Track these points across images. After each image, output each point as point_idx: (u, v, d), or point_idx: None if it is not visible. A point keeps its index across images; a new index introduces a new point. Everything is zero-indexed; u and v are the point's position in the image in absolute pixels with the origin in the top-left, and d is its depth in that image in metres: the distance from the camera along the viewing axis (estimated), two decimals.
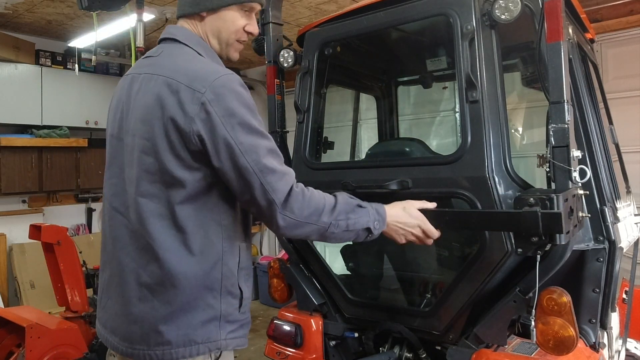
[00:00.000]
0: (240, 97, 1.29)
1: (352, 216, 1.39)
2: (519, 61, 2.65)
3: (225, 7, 1.42)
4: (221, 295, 1.34)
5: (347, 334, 2.24)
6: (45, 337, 3.01)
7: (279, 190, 1.29)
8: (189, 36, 1.44)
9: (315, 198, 1.36)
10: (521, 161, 2.49)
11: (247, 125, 1.28)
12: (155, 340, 1.30)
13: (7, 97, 5.15)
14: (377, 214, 1.45)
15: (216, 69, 1.32)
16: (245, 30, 1.48)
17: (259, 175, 1.27)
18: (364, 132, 3.92)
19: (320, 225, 1.35)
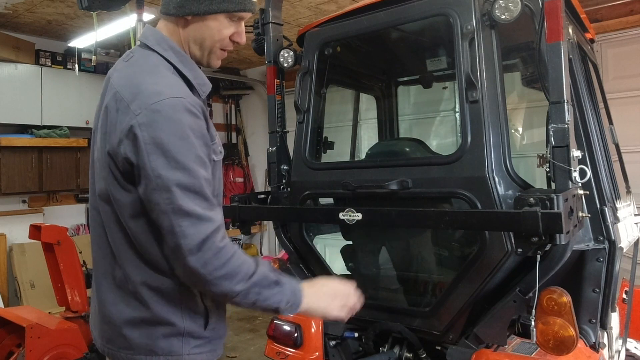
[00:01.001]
0: (176, 126, 1.17)
1: (265, 292, 1.26)
2: (519, 61, 2.65)
3: (213, 14, 1.31)
4: (182, 312, 1.29)
5: (347, 334, 2.24)
6: (45, 337, 3.01)
7: (190, 237, 1.16)
8: (160, 40, 1.33)
9: (234, 261, 1.21)
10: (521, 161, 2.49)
11: (173, 158, 1.16)
12: (121, 343, 1.31)
13: (7, 97, 5.15)
14: (293, 295, 1.31)
15: (161, 90, 1.20)
16: (232, 40, 1.38)
17: (171, 215, 1.16)
18: (364, 132, 3.92)
19: (228, 291, 1.21)
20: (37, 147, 5.35)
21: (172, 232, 1.17)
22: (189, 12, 1.29)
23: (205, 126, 1.26)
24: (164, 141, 1.16)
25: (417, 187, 1.86)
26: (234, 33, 1.36)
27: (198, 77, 1.35)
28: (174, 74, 1.30)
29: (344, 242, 2.59)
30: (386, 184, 1.88)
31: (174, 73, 1.31)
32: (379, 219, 1.87)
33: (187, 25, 1.33)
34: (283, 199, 2.32)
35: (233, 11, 1.32)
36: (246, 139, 7.63)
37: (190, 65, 1.34)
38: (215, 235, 1.19)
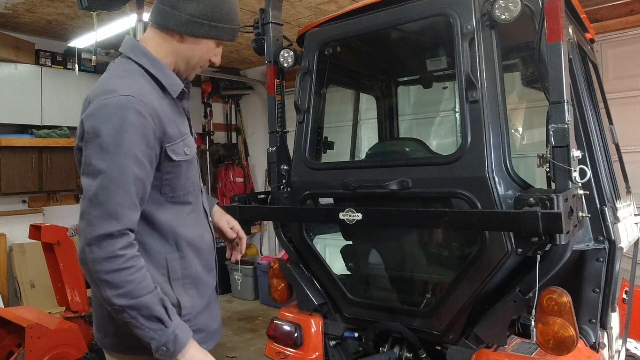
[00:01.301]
0: (116, 120, 1.25)
1: (141, 320, 1.23)
2: (519, 61, 2.65)
3: (207, 38, 1.47)
4: None
5: (347, 334, 2.24)
6: (45, 337, 3.01)
7: (94, 227, 1.21)
8: (134, 48, 1.45)
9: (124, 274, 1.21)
10: (521, 161, 2.49)
11: (105, 148, 1.24)
12: (106, 331, 1.41)
13: (7, 97, 5.15)
14: (173, 343, 1.26)
15: (116, 88, 1.31)
16: (210, 60, 1.56)
17: (87, 201, 1.24)
18: (364, 132, 3.92)
19: (106, 298, 1.22)
20: (37, 147, 5.35)
21: (83, 216, 1.24)
22: (190, 32, 1.43)
23: (152, 127, 1.31)
24: (101, 132, 1.25)
25: (417, 187, 1.86)
26: (214, 55, 1.55)
27: (168, 77, 1.45)
28: (143, 77, 1.41)
29: (344, 242, 2.59)
30: (386, 184, 1.88)
31: (143, 75, 1.41)
32: (379, 219, 1.87)
33: (182, 42, 1.46)
34: (283, 199, 2.32)
35: (223, 39, 1.50)
36: (246, 139, 7.63)
37: (160, 68, 1.44)
38: (118, 240, 1.22)
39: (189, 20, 1.41)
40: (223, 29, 1.47)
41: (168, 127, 1.38)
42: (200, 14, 1.42)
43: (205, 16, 1.42)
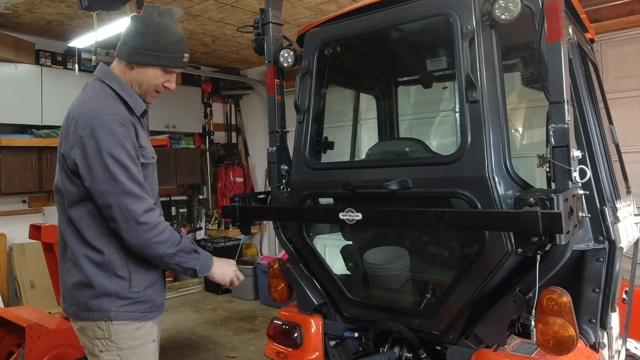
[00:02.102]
0: (112, 135, 1.64)
1: (187, 257, 1.76)
2: (519, 61, 2.65)
3: (152, 67, 1.78)
4: (110, 278, 1.72)
5: (347, 334, 2.24)
6: (45, 337, 3.01)
7: (133, 211, 1.64)
8: (107, 74, 1.80)
9: (167, 232, 1.70)
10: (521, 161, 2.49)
11: (113, 157, 1.63)
12: (71, 301, 1.78)
13: (7, 97, 5.15)
14: (206, 261, 1.82)
15: (99, 108, 1.68)
16: (164, 86, 1.85)
17: (119, 197, 1.63)
18: (364, 132, 3.91)
19: (162, 253, 1.69)
20: (37, 147, 5.35)
21: (120, 209, 1.64)
22: (135, 61, 1.77)
23: (134, 134, 1.71)
24: (105, 146, 1.63)
25: (417, 187, 1.86)
26: (167, 81, 1.85)
27: (134, 101, 1.80)
28: (115, 99, 1.76)
29: (344, 242, 2.59)
30: (386, 184, 1.88)
31: (115, 98, 1.76)
32: (379, 219, 1.87)
33: (132, 70, 1.80)
34: (283, 199, 2.32)
35: (166, 67, 1.80)
36: (246, 139, 7.63)
37: (128, 92, 1.80)
38: (154, 211, 1.69)
39: (132, 51, 1.75)
40: (163, 57, 1.76)
41: (140, 137, 1.76)
42: (142, 46, 1.74)
43: (145, 47, 1.74)
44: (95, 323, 1.72)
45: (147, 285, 1.79)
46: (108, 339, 1.72)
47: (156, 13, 1.79)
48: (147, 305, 1.78)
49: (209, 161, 7.33)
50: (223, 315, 5.51)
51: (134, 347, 1.75)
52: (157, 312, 1.85)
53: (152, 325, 1.82)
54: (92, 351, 1.78)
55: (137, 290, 1.75)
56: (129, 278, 1.74)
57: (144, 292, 1.77)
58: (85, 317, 1.74)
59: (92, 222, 1.72)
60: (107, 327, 1.72)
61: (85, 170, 1.64)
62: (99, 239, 1.72)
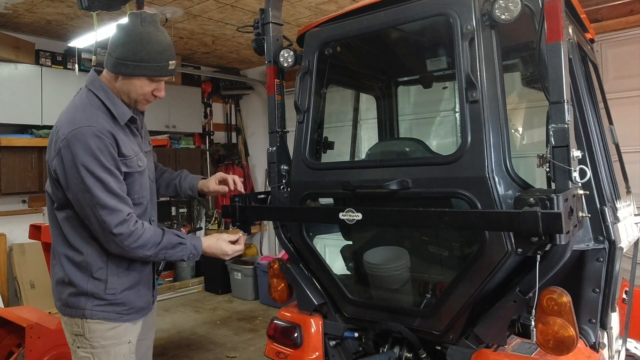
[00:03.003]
0: (86, 147, 1.67)
1: (171, 251, 1.82)
2: (519, 61, 2.65)
3: (136, 77, 1.77)
4: (87, 278, 1.79)
5: (347, 334, 2.24)
6: (45, 337, 3.01)
7: (108, 223, 1.68)
8: (94, 82, 1.82)
9: (143, 237, 1.74)
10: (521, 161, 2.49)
11: (86, 169, 1.66)
12: (56, 296, 1.87)
13: (7, 97, 5.15)
14: (194, 248, 1.87)
15: (78, 120, 1.70)
16: (154, 94, 1.85)
17: (93, 208, 1.68)
18: (364, 132, 3.91)
19: (143, 255, 1.77)
20: (37, 147, 5.35)
21: (96, 220, 1.70)
22: (119, 72, 1.77)
23: (111, 145, 1.72)
24: (79, 159, 1.67)
25: (417, 187, 1.86)
26: (154, 89, 1.84)
27: (118, 108, 1.81)
28: (99, 108, 1.78)
29: (344, 242, 2.58)
30: (386, 184, 1.88)
31: (100, 107, 1.78)
32: (379, 219, 1.87)
33: (117, 80, 1.80)
34: (283, 199, 2.32)
35: (152, 76, 1.78)
36: (246, 139, 7.63)
37: (113, 100, 1.81)
38: (128, 221, 1.72)
39: (116, 62, 1.75)
40: (147, 67, 1.74)
41: (121, 147, 1.77)
42: (125, 57, 1.74)
43: (128, 58, 1.73)
44: (74, 319, 1.81)
45: (125, 288, 1.85)
46: (83, 336, 1.80)
47: (139, 21, 1.76)
48: (124, 308, 1.84)
49: (209, 161, 7.33)
50: (223, 315, 5.51)
51: (106, 346, 1.81)
52: (137, 314, 1.90)
53: (130, 327, 1.87)
54: (71, 345, 1.87)
55: (112, 293, 1.81)
56: (105, 280, 1.81)
57: (120, 294, 1.83)
58: (65, 313, 1.83)
59: (76, 225, 1.79)
60: (82, 324, 1.80)
61: (64, 180, 1.71)
62: (80, 241, 1.79)
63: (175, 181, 2.27)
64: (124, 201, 1.74)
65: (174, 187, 2.28)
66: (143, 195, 1.91)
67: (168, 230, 1.87)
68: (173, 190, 2.29)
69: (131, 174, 1.82)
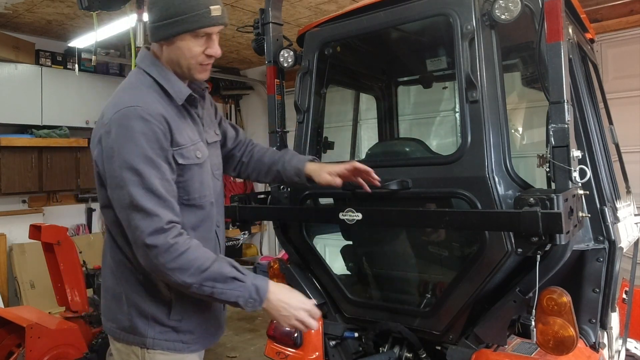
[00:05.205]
0: (126, 132, 1.35)
1: (221, 286, 1.35)
2: (519, 61, 2.65)
3: (177, 36, 1.45)
4: (146, 296, 1.45)
5: (347, 334, 2.24)
6: (45, 337, 3.01)
7: (141, 229, 1.32)
8: (144, 58, 1.54)
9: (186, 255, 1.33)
10: (521, 161, 2.49)
11: (123, 159, 1.33)
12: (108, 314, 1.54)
13: (7, 97, 5.15)
14: (256, 292, 1.37)
15: (122, 101, 1.40)
16: (206, 54, 1.50)
17: (127, 209, 1.34)
18: (364, 132, 3.91)
19: (181, 282, 1.33)
20: (37, 147, 5.35)
21: (128, 225, 1.35)
22: (158, 38, 1.48)
23: (161, 131, 1.39)
24: (116, 146, 1.35)
25: (417, 187, 1.86)
26: (206, 48, 1.49)
27: (174, 86, 1.50)
28: (150, 87, 1.48)
29: (344, 242, 2.58)
30: (386, 184, 1.88)
31: (151, 86, 1.48)
32: (379, 219, 1.87)
33: (162, 49, 1.51)
34: (283, 199, 2.32)
35: (195, 29, 1.44)
36: None
37: (166, 77, 1.50)
38: (166, 232, 1.33)
39: (152, 27, 1.48)
40: (183, 20, 1.43)
41: (176, 133, 1.44)
42: (159, 17, 1.45)
43: (162, 17, 1.44)
44: (131, 347, 1.47)
45: (192, 311, 1.49)
46: None
47: None
48: (192, 336, 1.50)
49: None
50: None
51: None
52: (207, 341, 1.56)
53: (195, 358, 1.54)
54: None
55: (178, 318, 1.46)
56: (169, 301, 1.46)
57: (187, 320, 1.48)
58: (120, 338, 1.49)
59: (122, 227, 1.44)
60: (142, 354, 1.46)
61: (103, 172, 1.40)
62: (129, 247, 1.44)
63: (278, 166, 1.83)
64: (166, 204, 1.35)
65: (276, 173, 1.84)
66: (205, 194, 1.54)
67: (223, 257, 1.43)
68: (275, 176, 1.85)
69: (189, 167, 1.47)
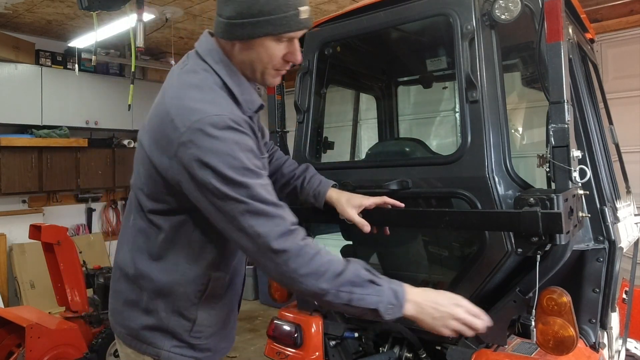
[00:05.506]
0: (218, 144, 1.18)
1: (359, 291, 1.20)
2: (519, 61, 2.65)
3: (254, 38, 1.27)
4: (172, 311, 1.35)
5: (347, 334, 2.24)
6: (45, 337, 3.01)
7: (264, 235, 1.18)
8: (212, 51, 1.33)
9: (319, 258, 1.20)
10: (521, 161, 2.49)
11: (221, 174, 1.17)
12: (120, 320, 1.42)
13: (7, 97, 5.16)
14: (395, 296, 1.23)
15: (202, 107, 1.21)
16: (285, 59, 1.33)
17: (239, 220, 1.18)
18: (364, 132, 3.92)
19: (316, 289, 1.19)
20: (37, 147, 5.36)
21: (247, 236, 1.18)
22: (234, 37, 1.28)
23: (251, 139, 1.25)
24: (209, 160, 1.16)
25: (417, 187, 1.86)
26: (286, 53, 1.32)
27: (245, 92, 1.33)
28: (221, 89, 1.29)
29: (344, 242, 2.58)
30: (386, 184, 1.88)
31: (222, 87, 1.29)
32: (379, 219, 1.87)
33: (235, 49, 1.31)
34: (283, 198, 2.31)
35: (281, 33, 1.26)
36: None
37: (238, 81, 1.32)
38: (294, 233, 1.20)
39: (228, 24, 1.27)
40: (268, 22, 1.24)
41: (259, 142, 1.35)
42: (238, 14, 1.24)
43: (242, 14, 1.24)
44: (143, 357, 1.39)
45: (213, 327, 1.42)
46: None
47: None
48: (207, 354, 1.43)
49: None
50: None
51: None
52: (218, 354, 1.49)
53: None
54: None
55: (198, 336, 1.39)
56: (194, 318, 1.37)
57: (207, 338, 1.41)
58: (132, 345, 1.39)
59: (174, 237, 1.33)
60: None
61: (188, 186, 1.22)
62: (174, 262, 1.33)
63: (297, 181, 1.72)
64: (283, 207, 1.23)
65: (292, 189, 1.73)
66: None
67: (353, 259, 1.29)
68: (291, 191, 1.74)
69: None
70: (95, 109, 5.88)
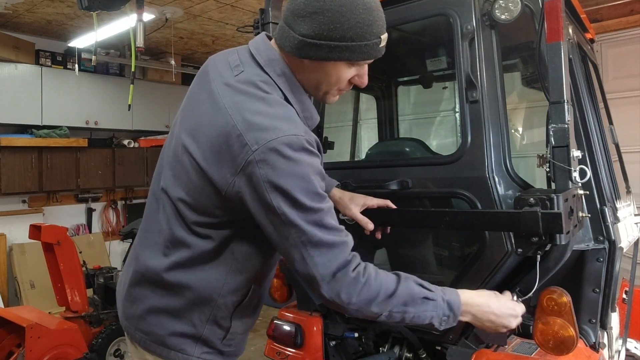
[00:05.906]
0: (294, 167, 1.12)
1: (412, 310, 1.23)
2: (519, 61, 2.65)
3: (328, 61, 1.21)
4: (207, 320, 1.31)
5: (347, 334, 2.24)
6: (45, 337, 3.01)
7: (321, 266, 1.16)
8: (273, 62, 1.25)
9: (368, 285, 1.20)
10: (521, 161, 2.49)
11: (292, 197, 1.12)
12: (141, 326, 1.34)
13: (7, 97, 5.16)
14: (449, 308, 1.26)
15: (278, 125, 1.14)
16: (351, 82, 1.30)
17: (301, 247, 1.16)
18: (364, 132, 3.92)
19: (369, 314, 1.22)
20: (37, 147, 5.36)
21: (304, 262, 1.17)
22: (306, 56, 1.21)
23: (321, 162, 1.23)
24: (283, 183, 1.12)
25: (417, 187, 1.86)
26: (355, 76, 1.29)
27: (306, 110, 1.28)
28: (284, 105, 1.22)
29: None
30: (386, 184, 1.88)
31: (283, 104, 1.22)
32: (379, 219, 1.87)
33: (302, 65, 1.25)
34: None
35: (357, 60, 1.23)
36: None
37: (300, 96, 1.27)
38: (348, 265, 1.19)
39: (302, 42, 1.19)
40: (348, 48, 1.19)
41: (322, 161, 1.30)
42: (317, 34, 1.17)
43: (321, 36, 1.17)
44: None
45: (243, 340, 1.45)
46: None
47: None
48: (233, 358, 1.44)
49: None
50: None
51: None
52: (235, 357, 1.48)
53: None
54: None
55: (229, 344, 1.38)
56: (227, 327, 1.35)
57: (236, 345, 1.41)
58: (157, 352, 1.33)
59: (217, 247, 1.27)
60: None
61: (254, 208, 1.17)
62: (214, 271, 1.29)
63: None
64: (343, 233, 1.22)
65: None
66: None
67: (405, 275, 1.28)
68: None
69: None
70: (95, 109, 5.88)
